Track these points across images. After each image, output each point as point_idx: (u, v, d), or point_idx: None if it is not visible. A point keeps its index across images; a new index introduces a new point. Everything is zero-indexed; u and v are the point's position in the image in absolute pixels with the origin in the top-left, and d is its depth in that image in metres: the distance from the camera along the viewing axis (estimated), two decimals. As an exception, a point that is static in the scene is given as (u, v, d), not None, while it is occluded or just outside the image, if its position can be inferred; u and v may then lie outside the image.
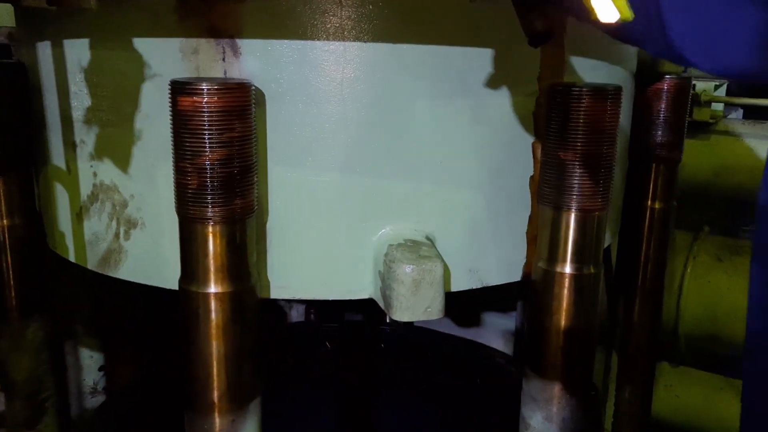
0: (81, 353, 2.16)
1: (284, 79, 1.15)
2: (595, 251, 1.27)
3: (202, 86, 1.02)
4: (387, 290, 1.16)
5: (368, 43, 1.14)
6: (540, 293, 1.31)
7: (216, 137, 1.05)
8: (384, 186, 1.22)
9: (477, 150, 1.25)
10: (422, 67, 1.18)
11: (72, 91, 1.27)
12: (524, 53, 1.23)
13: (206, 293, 1.12)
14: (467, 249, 1.28)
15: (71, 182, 1.34)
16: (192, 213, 1.09)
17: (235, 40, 1.13)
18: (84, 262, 1.38)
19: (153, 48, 1.17)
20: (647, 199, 1.74)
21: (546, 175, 1.27)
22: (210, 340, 1.14)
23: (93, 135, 1.27)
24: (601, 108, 1.20)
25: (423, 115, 1.20)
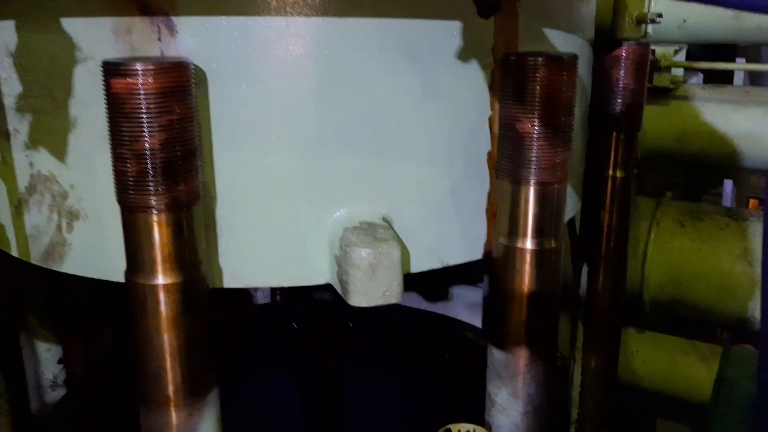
0: (38, 346, 2.09)
1: (225, 57, 1.09)
2: (555, 225, 1.25)
3: (137, 66, 0.96)
4: (343, 275, 1.13)
5: (313, 17, 1.09)
6: (501, 269, 1.28)
7: (154, 120, 0.99)
8: (336, 166, 1.17)
9: (431, 126, 1.21)
10: (370, 41, 1.13)
11: (1, 77, 1.20)
12: (477, 24, 1.19)
13: (153, 285, 1.07)
14: (426, 228, 1.25)
15: (7, 173, 1.27)
16: (134, 201, 1.03)
17: (170, 18, 1.07)
18: (27, 257, 1.31)
19: (83, 29, 1.10)
20: (608, 168, 1.72)
21: (503, 148, 1.24)
22: (160, 333, 1.09)
23: (26, 123, 1.20)
24: (558, 78, 1.16)
25: (373, 92, 1.15)
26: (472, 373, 2.40)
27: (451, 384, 2.52)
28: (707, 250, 2.48)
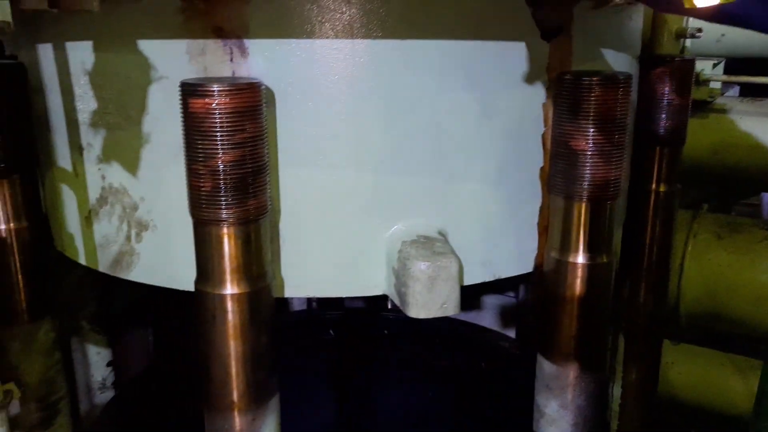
0: (88, 350, 2.16)
1: (293, 78, 1.14)
2: (607, 240, 1.28)
3: (213, 87, 1.01)
4: (402, 287, 1.17)
5: (377, 39, 1.13)
6: (552, 283, 1.31)
7: (228, 139, 1.04)
8: (395, 182, 1.21)
9: (486, 143, 1.25)
10: (430, 62, 1.17)
11: (77, 93, 1.26)
12: (532, 44, 1.22)
13: (222, 294, 1.12)
14: (480, 242, 1.29)
15: (79, 185, 1.33)
16: (206, 215, 1.08)
17: (242, 41, 1.12)
18: (95, 265, 1.37)
19: (159, 50, 1.16)
20: (652, 183, 1.74)
21: (556, 164, 1.27)
22: (228, 340, 1.14)
23: (100, 138, 1.26)
24: (612, 97, 1.19)
25: (433, 111, 1.19)
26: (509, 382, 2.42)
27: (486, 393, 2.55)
28: (745, 263, 2.48)
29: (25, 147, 1.42)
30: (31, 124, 1.41)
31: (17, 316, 1.47)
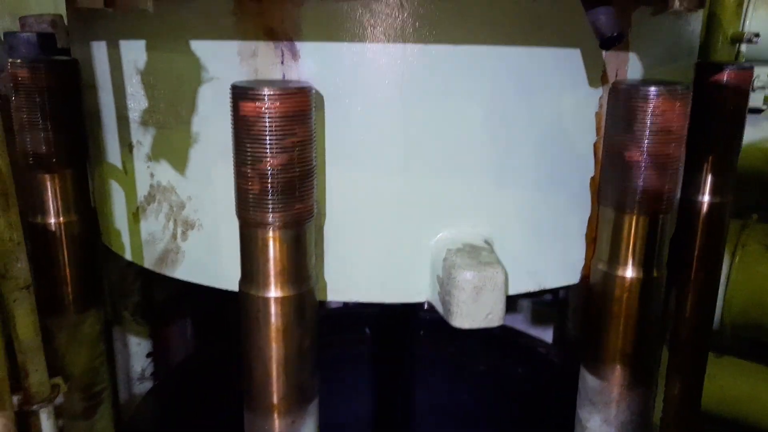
0: (129, 340, 2.20)
1: (343, 81, 1.13)
2: (659, 254, 1.24)
3: (264, 91, 1.01)
4: (446, 296, 1.15)
5: (429, 44, 1.12)
6: (599, 296, 1.28)
7: (277, 142, 1.04)
8: (442, 188, 1.20)
9: (536, 151, 1.22)
10: (483, 67, 1.15)
11: (128, 92, 1.27)
12: (587, 51, 1.19)
13: (267, 297, 1.12)
14: (526, 251, 1.26)
15: (128, 182, 1.34)
16: (253, 218, 1.08)
17: (294, 43, 1.12)
18: (141, 261, 1.39)
19: (210, 51, 1.16)
20: (703, 193, 1.69)
21: (608, 175, 1.24)
22: (270, 343, 1.14)
23: (150, 136, 1.27)
24: (670, 108, 1.16)
25: (482, 116, 1.17)
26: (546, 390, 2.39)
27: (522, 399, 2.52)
28: (795, 276, 2.40)
29: (76, 142, 1.44)
30: (83, 119, 1.43)
31: (64, 308, 1.50)
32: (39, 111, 1.36)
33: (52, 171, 1.41)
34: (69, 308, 1.51)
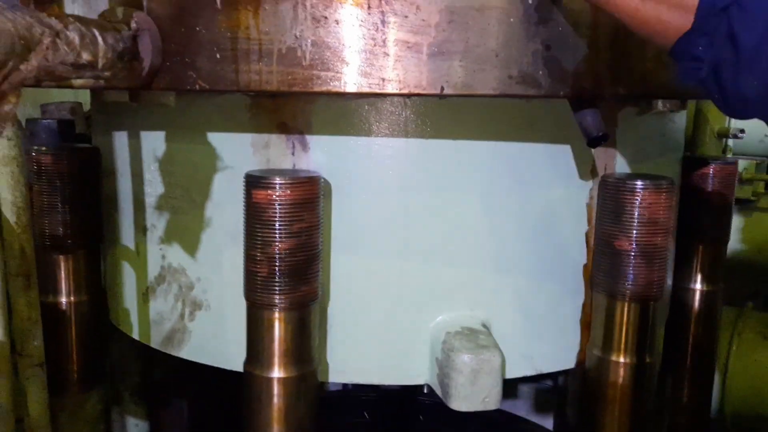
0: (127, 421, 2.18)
1: (349, 171, 1.21)
2: (650, 340, 1.28)
3: (276, 180, 1.08)
4: (445, 378, 1.18)
5: (429, 139, 1.20)
6: (595, 380, 1.31)
7: (286, 228, 1.10)
8: (441, 273, 1.25)
9: (530, 240, 1.28)
10: (479, 161, 1.23)
11: (146, 178, 1.35)
12: (577, 147, 1.27)
13: (270, 377, 1.15)
14: (522, 336, 1.30)
15: (140, 263, 1.40)
16: (260, 299, 1.13)
17: (304, 136, 1.20)
18: (147, 340, 1.42)
19: (226, 142, 1.24)
20: (695, 281, 1.74)
21: (599, 263, 1.30)
22: (272, 423, 1.16)
23: (164, 220, 1.34)
24: (656, 200, 1.22)
25: (478, 206, 1.24)
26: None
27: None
28: (792, 366, 2.41)
29: (92, 224, 1.50)
30: (100, 203, 1.50)
31: (69, 387, 1.52)
32: (59, 195, 1.43)
33: (67, 252, 1.46)
34: (73, 388, 1.52)
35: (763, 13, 0.82)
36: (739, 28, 0.83)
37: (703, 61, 0.88)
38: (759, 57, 0.83)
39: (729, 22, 0.84)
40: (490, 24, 1.05)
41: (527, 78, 1.08)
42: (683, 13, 0.86)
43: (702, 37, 0.86)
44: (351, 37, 1.05)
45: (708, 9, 0.85)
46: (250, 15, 1.04)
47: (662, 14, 0.88)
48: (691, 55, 0.88)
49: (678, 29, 0.88)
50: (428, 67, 1.06)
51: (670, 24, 0.88)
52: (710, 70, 0.88)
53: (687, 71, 0.90)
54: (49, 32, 0.77)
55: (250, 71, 1.06)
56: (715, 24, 0.85)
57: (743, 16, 0.83)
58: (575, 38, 1.08)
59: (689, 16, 0.86)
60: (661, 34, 0.90)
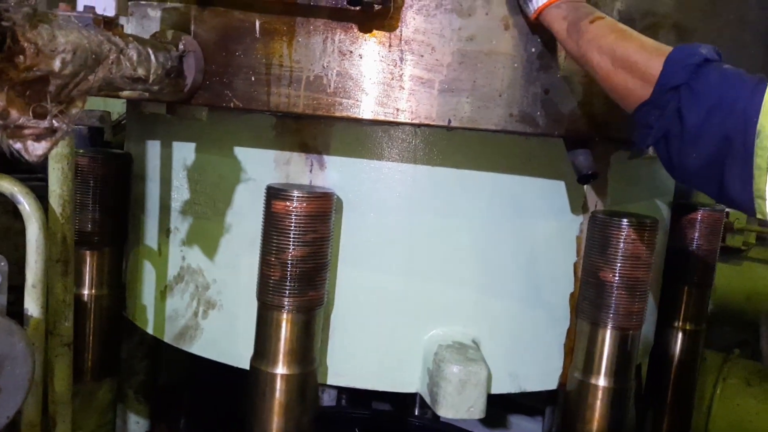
0: (129, 417, 2.27)
1: (361, 191, 1.33)
2: (628, 367, 1.38)
3: (294, 193, 1.20)
4: (434, 387, 1.28)
5: (436, 167, 1.32)
6: (574, 402, 1.41)
7: (300, 237, 1.22)
8: (438, 291, 1.36)
9: (522, 266, 1.39)
10: (479, 189, 1.34)
11: (174, 185, 1.47)
12: (571, 183, 1.38)
13: (274, 373, 1.25)
14: (509, 355, 1.40)
15: (161, 263, 1.51)
16: (271, 300, 1.24)
17: (322, 156, 1.32)
18: (161, 335, 1.53)
19: (251, 157, 1.36)
20: (679, 321, 1.83)
21: (585, 292, 1.40)
22: (273, 416, 1.26)
23: (187, 224, 1.45)
24: (639, 237, 1.33)
25: (476, 231, 1.36)
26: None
27: None
28: (773, 412, 2.48)
29: (118, 224, 1.62)
30: (127, 205, 1.62)
31: (83, 374, 1.61)
32: (91, 194, 1.55)
33: (93, 248, 1.57)
34: (87, 375, 1.62)
35: (708, 97, 0.91)
36: (685, 108, 0.93)
37: (654, 129, 0.97)
38: (701, 135, 0.92)
39: (679, 99, 0.93)
40: (496, 67, 1.18)
41: (526, 117, 1.20)
42: (645, 85, 0.96)
43: (655, 109, 0.96)
44: (372, 71, 1.17)
45: (663, 85, 0.94)
46: (284, 44, 1.17)
47: (628, 82, 0.99)
48: (646, 122, 0.98)
49: (639, 98, 0.98)
50: (438, 101, 1.18)
51: (633, 92, 0.99)
52: (660, 138, 0.97)
53: (641, 135, 1.01)
54: (114, 49, 0.90)
55: (280, 94, 1.19)
56: (667, 99, 0.94)
57: (691, 97, 0.92)
58: (572, 85, 1.21)
59: (649, 89, 0.96)
60: (625, 99, 1.01)
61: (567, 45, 1.09)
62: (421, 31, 1.16)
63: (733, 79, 0.92)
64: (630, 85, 0.99)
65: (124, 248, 1.65)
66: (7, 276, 1.14)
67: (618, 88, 1.01)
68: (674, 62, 0.94)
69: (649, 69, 0.96)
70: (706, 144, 0.92)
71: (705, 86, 0.92)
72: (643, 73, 0.97)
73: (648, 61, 0.97)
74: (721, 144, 0.90)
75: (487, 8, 1.16)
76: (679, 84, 0.93)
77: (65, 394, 1.36)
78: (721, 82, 0.92)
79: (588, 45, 1.04)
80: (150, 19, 1.27)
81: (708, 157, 0.92)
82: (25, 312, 1.22)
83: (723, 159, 0.90)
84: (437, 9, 1.15)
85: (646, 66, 0.97)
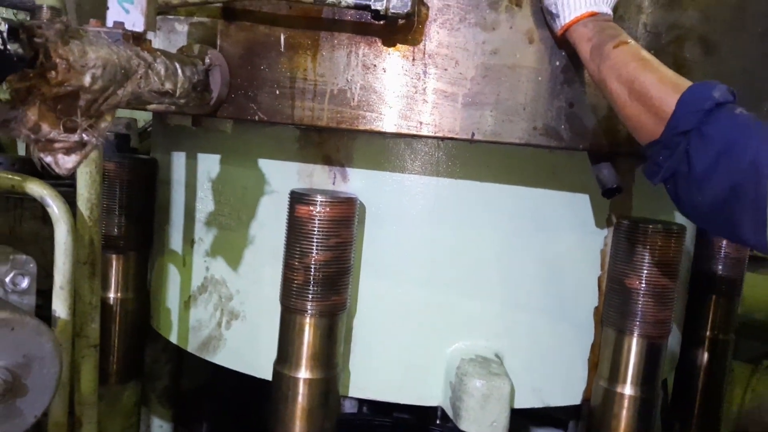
0: (152, 421, 2.29)
1: (383, 203, 1.33)
2: (655, 376, 1.36)
3: (317, 198, 1.21)
4: (457, 401, 1.28)
5: (458, 179, 1.32)
6: (599, 411, 1.39)
7: (323, 241, 1.22)
8: (460, 304, 1.36)
9: (546, 280, 1.38)
10: (503, 202, 1.34)
11: (198, 196, 1.48)
12: (595, 197, 1.37)
13: (297, 377, 1.25)
14: (532, 369, 1.39)
15: (185, 273, 1.53)
16: (294, 304, 1.25)
17: (345, 169, 1.33)
18: (185, 345, 1.54)
19: (274, 169, 1.37)
20: (707, 330, 1.81)
21: (610, 299, 1.38)
22: (295, 420, 1.26)
23: (211, 235, 1.47)
24: (667, 244, 1.31)
25: (499, 244, 1.35)
26: None
27: None
28: (804, 427, 2.43)
29: (144, 230, 1.63)
30: (153, 211, 1.64)
31: (108, 377, 1.63)
32: (117, 199, 1.57)
33: (119, 252, 1.59)
34: (112, 378, 1.64)
35: (716, 143, 0.91)
36: (694, 152, 0.92)
37: (662, 168, 0.97)
38: (709, 180, 0.92)
39: (688, 143, 0.93)
40: (520, 81, 1.17)
41: (550, 131, 1.19)
42: (657, 122, 0.96)
43: (665, 149, 0.96)
44: (395, 84, 1.18)
45: (673, 128, 0.94)
46: (309, 58, 1.17)
47: (642, 116, 0.99)
48: (654, 160, 0.98)
49: (651, 134, 0.98)
50: (462, 115, 1.18)
51: (645, 127, 0.99)
52: (668, 176, 0.97)
53: (650, 171, 1.01)
54: (143, 64, 0.91)
55: (304, 108, 1.20)
56: (677, 142, 0.94)
57: (700, 141, 0.92)
58: (597, 99, 1.20)
59: (661, 126, 0.96)
60: (638, 132, 1.02)
61: (589, 67, 1.09)
62: (444, 45, 1.16)
63: (743, 125, 0.92)
64: (644, 119, 0.99)
65: (149, 254, 1.67)
66: (35, 278, 1.16)
67: (632, 120, 1.01)
68: (686, 105, 0.94)
69: (663, 106, 0.96)
70: (714, 189, 0.92)
71: (714, 131, 0.92)
72: (657, 110, 0.97)
73: (664, 97, 0.96)
74: (730, 190, 0.90)
75: (511, 22, 1.16)
76: (689, 129, 0.93)
77: (91, 395, 1.38)
78: (732, 128, 0.92)
79: (608, 71, 1.03)
80: (177, 34, 1.28)
81: (717, 201, 0.92)
82: (53, 313, 1.24)
83: (732, 205, 0.90)
84: (461, 23, 1.15)
85: (660, 102, 0.96)
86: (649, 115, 0.98)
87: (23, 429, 1.05)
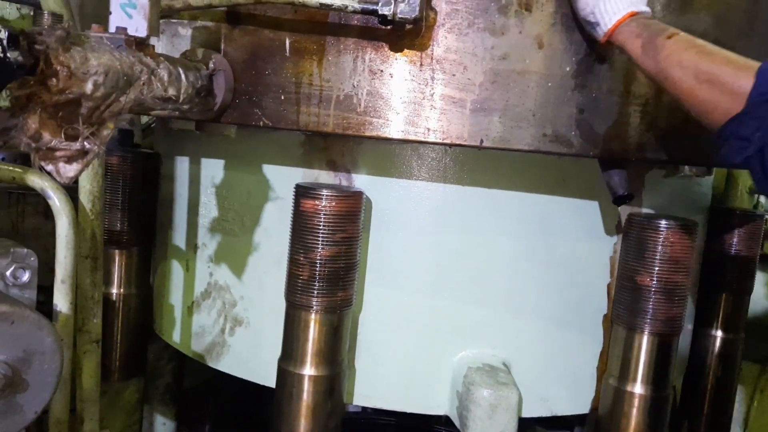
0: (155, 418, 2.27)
1: (389, 209, 1.31)
2: (666, 374, 1.33)
3: (323, 192, 1.19)
4: (464, 410, 1.26)
5: (465, 186, 1.30)
6: (608, 411, 1.36)
7: (329, 236, 1.20)
8: (467, 311, 1.34)
9: (554, 287, 1.36)
10: (510, 209, 1.32)
11: (202, 201, 1.47)
12: (604, 203, 1.35)
13: (302, 374, 1.23)
14: (540, 378, 1.37)
15: (188, 279, 1.51)
16: (299, 300, 1.23)
17: (350, 174, 1.31)
18: (188, 351, 1.52)
19: (279, 174, 1.35)
20: (716, 328, 1.78)
21: (620, 297, 1.35)
22: (300, 418, 1.24)
23: (215, 241, 1.45)
24: (678, 240, 1.28)
25: (506, 251, 1.33)
26: None
27: None
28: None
29: (146, 225, 1.61)
30: (155, 208, 1.61)
31: (109, 374, 1.59)
32: (120, 193, 1.54)
33: (122, 247, 1.56)
34: (114, 375, 1.61)
35: None
36: None
37: (751, 142, 0.94)
38: None
39: None
40: (529, 87, 1.15)
41: (560, 137, 1.17)
42: (734, 98, 0.94)
43: (752, 120, 0.93)
44: (402, 90, 1.16)
45: (759, 96, 0.92)
46: (314, 63, 1.16)
47: (715, 97, 0.97)
48: (740, 135, 0.95)
49: (726, 111, 0.96)
50: (470, 121, 1.16)
51: (719, 106, 0.96)
52: (756, 150, 0.94)
53: (734, 150, 0.97)
54: (146, 70, 0.89)
55: (310, 113, 1.18)
56: (765, 110, 0.92)
57: None
58: (608, 105, 1.18)
59: (740, 101, 0.94)
60: (711, 114, 0.99)
61: (643, 62, 1.07)
62: (453, 50, 1.14)
63: None
64: (717, 98, 0.97)
65: (152, 250, 1.65)
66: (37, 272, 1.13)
67: (704, 103, 0.99)
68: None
69: (739, 81, 0.95)
70: None
71: None
72: (731, 86, 0.95)
73: (736, 72, 0.96)
74: None
75: (520, 27, 1.14)
76: None
77: (93, 391, 1.36)
78: None
79: (668, 61, 1.02)
80: (180, 38, 1.26)
81: None
82: (54, 308, 1.22)
83: None
84: (470, 28, 1.13)
85: (735, 78, 0.95)
86: (723, 94, 0.96)
87: (24, 425, 1.02)
